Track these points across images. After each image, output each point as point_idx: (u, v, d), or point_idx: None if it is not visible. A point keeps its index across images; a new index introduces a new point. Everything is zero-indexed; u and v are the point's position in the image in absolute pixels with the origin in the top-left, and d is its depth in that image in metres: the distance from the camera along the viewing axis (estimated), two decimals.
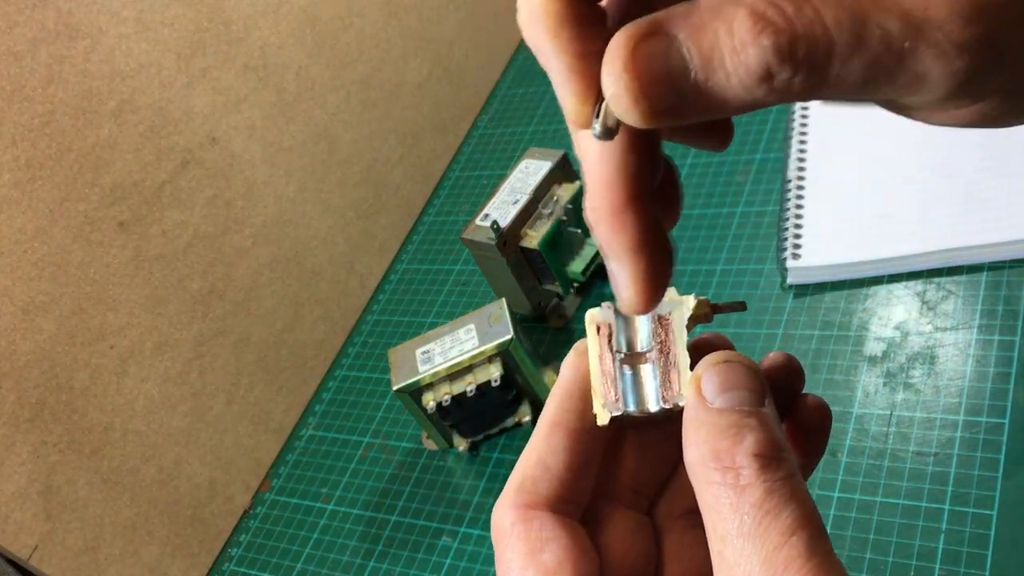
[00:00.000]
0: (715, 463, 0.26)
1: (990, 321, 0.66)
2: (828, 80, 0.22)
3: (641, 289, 0.27)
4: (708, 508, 0.26)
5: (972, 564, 0.56)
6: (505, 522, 0.30)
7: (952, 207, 0.72)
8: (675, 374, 0.29)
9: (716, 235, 0.80)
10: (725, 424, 0.26)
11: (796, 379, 0.31)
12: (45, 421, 0.71)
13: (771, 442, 0.26)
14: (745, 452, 0.26)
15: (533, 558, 0.29)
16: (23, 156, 0.70)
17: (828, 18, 0.21)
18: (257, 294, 0.86)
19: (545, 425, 0.31)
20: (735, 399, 0.27)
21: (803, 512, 0.25)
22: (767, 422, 0.26)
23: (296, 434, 0.88)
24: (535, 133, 1.03)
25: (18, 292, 0.70)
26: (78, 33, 0.73)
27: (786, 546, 0.25)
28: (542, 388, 0.76)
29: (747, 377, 0.27)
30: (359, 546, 0.76)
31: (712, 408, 0.27)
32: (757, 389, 0.27)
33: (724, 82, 0.22)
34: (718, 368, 0.27)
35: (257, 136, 0.86)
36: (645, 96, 0.23)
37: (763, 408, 0.27)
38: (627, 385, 0.30)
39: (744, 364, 0.28)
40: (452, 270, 0.94)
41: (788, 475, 0.26)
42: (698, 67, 0.22)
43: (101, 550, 0.74)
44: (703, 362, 0.28)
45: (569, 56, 0.24)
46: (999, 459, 0.59)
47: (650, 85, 0.23)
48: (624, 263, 0.26)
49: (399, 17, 1.00)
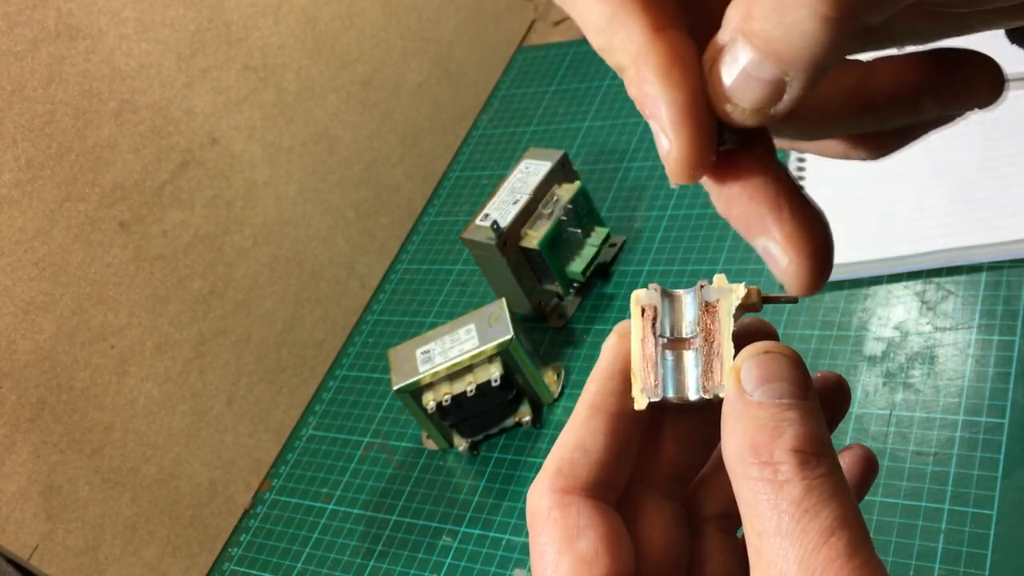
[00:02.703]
0: (753, 457, 0.25)
1: (989, 321, 0.66)
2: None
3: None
4: (746, 504, 0.25)
5: (972, 564, 0.56)
6: (542, 506, 0.29)
7: (951, 207, 0.72)
8: (718, 364, 0.28)
9: (716, 235, 0.80)
10: (764, 417, 0.25)
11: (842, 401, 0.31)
12: (45, 421, 0.71)
13: (811, 437, 0.25)
14: (784, 447, 0.25)
15: (569, 545, 0.28)
16: (23, 156, 0.70)
17: None
18: (257, 294, 0.86)
19: (585, 408, 0.30)
20: (775, 391, 0.26)
21: (844, 512, 0.24)
22: (808, 416, 0.25)
23: (296, 434, 0.88)
24: (535, 133, 1.03)
25: (18, 292, 0.70)
26: (78, 33, 0.73)
27: (825, 547, 0.24)
28: (542, 388, 0.76)
29: (788, 368, 0.26)
30: (359, 546, 0.76)
31: (751, 401, 0.26)
32: (799, 381, 0.26)
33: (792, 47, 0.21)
34: (758, 359, 0.26)
35: (257, 136, 0.86)
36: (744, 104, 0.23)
37: (805, 401, 0.26)
38: (668, 371, 0.29)
39: (786, 355, 0.27)
40: (452, 270, 0.94)
41: (829, 472, 0.25)
42: (762, 54, 0.22)
43: (101, 550, 0.74)
44: (743, 353, 0.27)
45: (683, 96, 0.23)
46: (999, 459, 0.59)
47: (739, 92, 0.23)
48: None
49: (399, 17, 1.00)
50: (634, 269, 0.82)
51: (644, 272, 0.82)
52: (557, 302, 0.83)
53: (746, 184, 0.25)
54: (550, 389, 0.77)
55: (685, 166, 0.23)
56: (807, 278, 0.25)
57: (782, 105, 0.23)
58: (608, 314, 0.81)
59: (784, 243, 0.25)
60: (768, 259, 0.25)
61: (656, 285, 0.30)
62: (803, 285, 0.25)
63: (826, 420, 0.29)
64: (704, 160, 0.23)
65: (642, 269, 0.82)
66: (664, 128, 0.23)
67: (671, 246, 0.82)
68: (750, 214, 0.25)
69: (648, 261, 0.82)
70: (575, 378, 0.78)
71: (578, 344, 0.80)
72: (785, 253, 0.25)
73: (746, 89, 0.23)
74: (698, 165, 0.23)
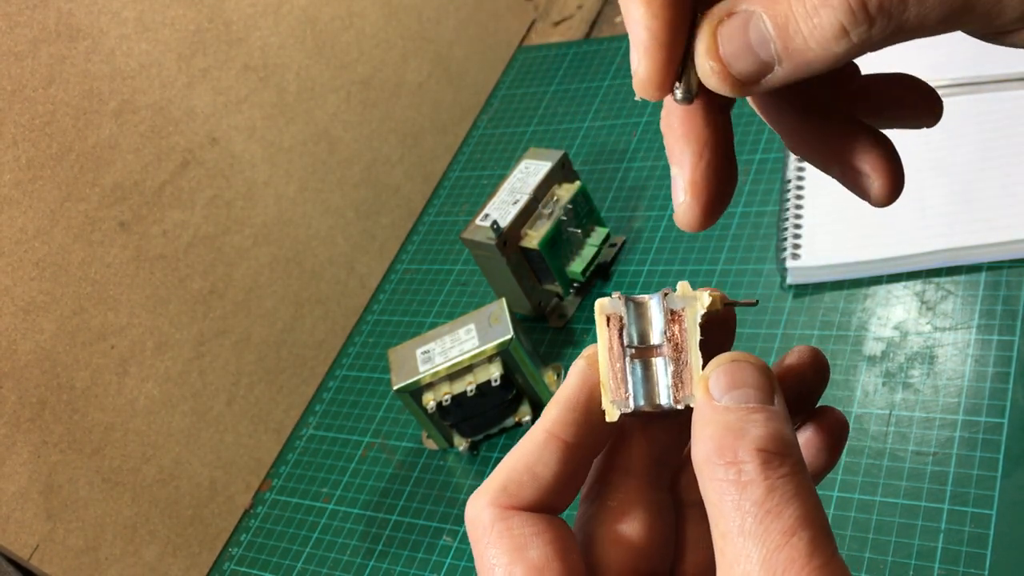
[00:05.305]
0: (719, 458, 0.26)
1: (989, 321, 0.66)
2: (907, 25, 0.23)
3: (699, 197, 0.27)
4: (711, 505, 0.26)
5: (971, 563, 0.56)
6: (483, 518, 0.29)
7: (951, 207, 0.72)
8: (688, 374, 0.29)
9: (716, 235, 0.81)
10: (731, 420, 0.26)
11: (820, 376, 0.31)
12: (46, 421, 0.71)
13: (775, 437, 0.26)
14: (747, 447, 0.25)
15: (519, 555, 0.28)
16: (24, 156, 0.70)
17: None
18: (257, 294, 0.86)
19: (541, 432, 0.30)
20: (742, 396, 0.27)
21: (806, 511, 0.25)
22: (773, 417, 0.26)
23: (296, 434, 0.88)
24: (535, 133, 1.03)
25: (19, 292, 0.70)
26: (79, 33, 0.73)
27: (787, 547, 0.24)
28: (542, 388, 0.76)
29: (755, 375, 0.27)
30: (359, 546, 0.76)
31: (719, 406, 0.27)
32: (764, 387, 0.27)
33: (803, 46, 0.24)
34: (726, 367, 0.27)
35: (257, 136, 0.87)
36: (732, 70, 0.25)
37: (771, 405, 0.27)
38: (637, 381, 0.29)
39: (752, 363, 0.27)
40: (452, 270, 0.94)
41: (792, 472, 0.25)
42: (775, 36, 0.24)
43: (102, 550, 0.74)
44: (712, 363, 0.28)
45: (658, 24, 0.25)
46: (998, 459, 0.59)
47: (735, 59, 0.25)
48: (685, 166, 0.27)
49: (399, 17, 1.00)
50: (634, 269, 0.83)
51: (644, 272, 0.82)
52: (557, 302, 0.83)
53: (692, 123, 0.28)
54: (550, 389, 0.77)
55: (647, 85, 0.26)
56: (693, 222, 0.28)
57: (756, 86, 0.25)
58: None
59: (689, 184, 0.28)
60: (673, 189, 0.28)
61: (619, 293, 0.30)
62: (688, 223, 0.28)
63: (806, 395, 0.30)
64: (664, 85, 0.26)
65: (642, 269, 0.82)
66: (636, 47, 0.26)
67: (671, 246, 0.82)
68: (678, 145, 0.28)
69: (648, 261, 0.82)
70: None
71: (578, 344, 0.80)
72: (686, 193, 0.28)
73: (740, 58, 0.25)
74: (658, 88, 0.26)
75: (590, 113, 1.01)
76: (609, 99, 1.01)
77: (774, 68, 0.25)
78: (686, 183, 0.27)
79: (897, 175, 0.29)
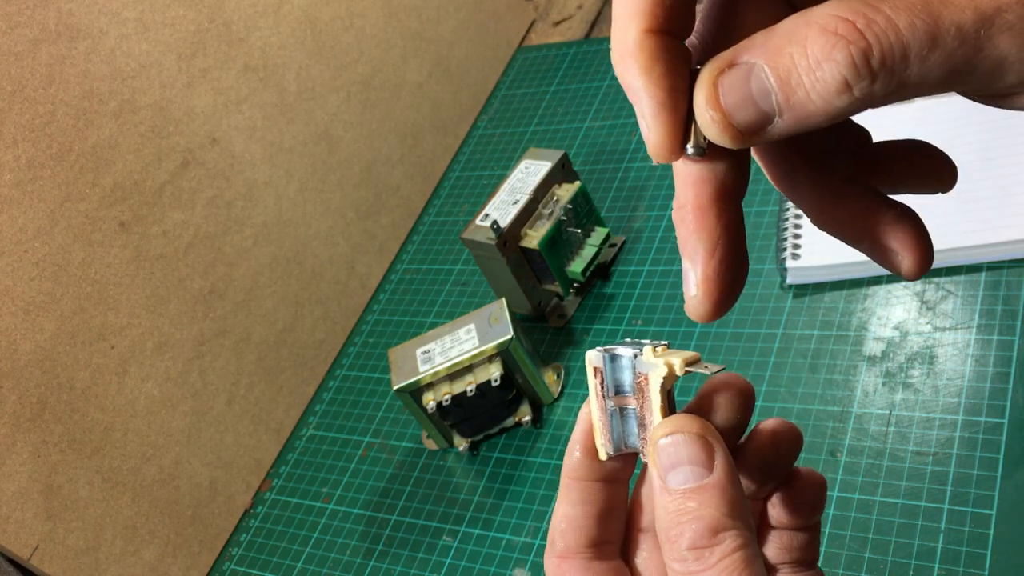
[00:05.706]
0: (667, 542, 0.29)
1: (989, 321, 0.66)
2: (908, 82, 0.23)
3: (710, 293, 0.28)
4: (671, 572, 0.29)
5: (971, 563, 0.56)
6: (547, 569, 0.33)
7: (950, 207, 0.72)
8: (650, 433, 0.31)
9: None
10: (670, 508, 0.29)
11: (791, 449, 0.33)
12: (46, 421, 0.71)
13: (708, 528, 0.28)
14: (684, 545, 0.28)
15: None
16: (24, 156, 0.70)
17: (902, 24, 0.22)
18: (257, 294, 0.86)
19: (564, 478, 0.33)
20: (679, 478, 0.29)
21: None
22: (708, 499, 0.28)
23: (296, 434, 0.88)
24: (535, 133, 1.03)
25: (19, 292, 0.70)
26: (79, 33, 0.73)
27: None
28: (542, 388, 0.76)
29: (689, 450, 0.29)
30: (359, 546, 0.76)
31: (663, 487, 0.29)
32: (700, 461, 0.29)
33: (805, 99, 0.24)
34: (663, 447, 0.29)
35: (257, 136, 0.87)
36: (733, 120, 0.25)
37: (707, 480, 0.28)
38: (617, 425, 0.32)
39: (686, 433, 0.29)
40: (452, 270, 0.94)
41: (730, 551, 0.28)
42: (777, 89, 0.24)
43: (102, 550, 0.74)
44: (654, 433, 0.30)
45: (661, 91, 0.26)
46: (998, 459, 0.59)
47: (736, 110, 0.25)
48: (697, 262, 0.28)
49: (399, 17, 1.00)
50: (634, 269, 0.83)
51: (644, 272, 0.82)
52: (557, 302, 0.83)
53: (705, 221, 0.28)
54: (550, 389, 0.77)
55: (660, 150, 0.27)
56: (705, 314, 0.28)
57: (756, 137, 0.25)
58: (608, 314, 0.81)
59: (701, 279, 0.28)
60: (684, 279, 0.29)
61: (600, 347, 0.32)
62: (700, 316, 0.29)
63: (782, 463, 0.32)
64: (676, 148, 0.27)
65: (642, 269, 0.82)
66: (643, 116, 0.26)
67: (671, 246, 0.82)
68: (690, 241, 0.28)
69: (648, 261, 0.82)
70: (575, 378, 0.78)
71: (578, 344, 0.80)
72: (698, 288, 0.28)
73: (741, 109, 0.25)
74: (671, 150, 0.27)
75: (590, 113, 1.01)
76: (609, 99, 1.01)
77: (775, 120, 0.25)
78: (698, 279, 0.28)
79: (927, 250, 0.29)
